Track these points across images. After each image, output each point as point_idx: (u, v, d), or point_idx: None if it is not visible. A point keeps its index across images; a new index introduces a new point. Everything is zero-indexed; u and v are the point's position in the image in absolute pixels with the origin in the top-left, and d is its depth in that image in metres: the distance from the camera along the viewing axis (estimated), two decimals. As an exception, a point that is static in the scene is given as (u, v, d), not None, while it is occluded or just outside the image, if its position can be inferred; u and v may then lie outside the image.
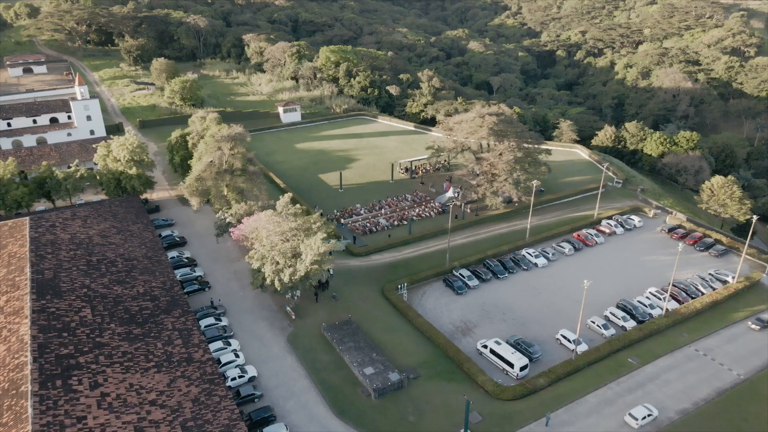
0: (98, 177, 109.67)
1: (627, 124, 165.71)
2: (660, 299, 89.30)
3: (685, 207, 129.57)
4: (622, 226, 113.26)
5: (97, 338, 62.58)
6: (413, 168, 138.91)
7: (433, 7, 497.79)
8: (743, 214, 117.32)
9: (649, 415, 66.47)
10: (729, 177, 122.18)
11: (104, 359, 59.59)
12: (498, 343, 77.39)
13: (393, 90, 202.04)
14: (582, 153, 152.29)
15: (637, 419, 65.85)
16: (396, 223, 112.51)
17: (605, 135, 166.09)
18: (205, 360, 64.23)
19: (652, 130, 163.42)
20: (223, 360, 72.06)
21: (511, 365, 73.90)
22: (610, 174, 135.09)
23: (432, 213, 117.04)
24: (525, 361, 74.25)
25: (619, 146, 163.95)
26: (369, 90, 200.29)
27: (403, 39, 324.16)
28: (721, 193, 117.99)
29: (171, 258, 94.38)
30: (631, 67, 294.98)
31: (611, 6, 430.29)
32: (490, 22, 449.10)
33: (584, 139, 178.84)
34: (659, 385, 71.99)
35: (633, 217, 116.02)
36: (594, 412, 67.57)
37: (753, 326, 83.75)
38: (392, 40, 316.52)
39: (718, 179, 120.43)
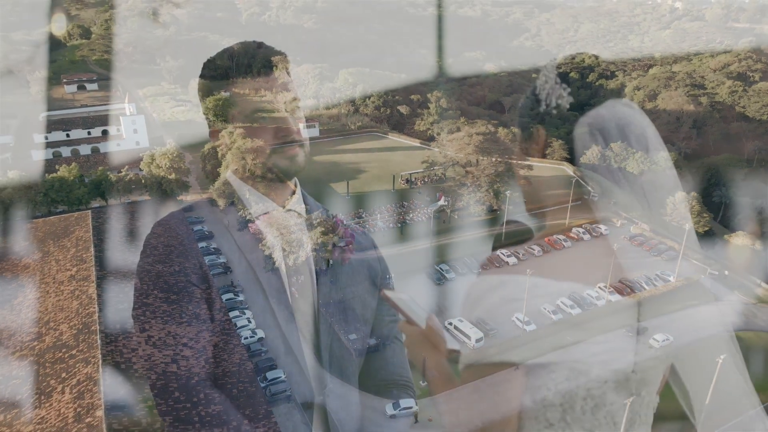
0: (143, 181, 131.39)
1: (612, 144, 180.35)
2: (605, 292, 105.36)
3: (654, 219, 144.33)
4: (590, 233, 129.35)
5: (143, 299, 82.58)
6: (413, 179, 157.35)
7: (455, 29, 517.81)
8: (702, 226, 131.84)
9: (667, 339, 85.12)
10: (692, 193, 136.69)
11: (149, 314, 79.18)
12: (461, 320, 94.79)
13: (403, 109, 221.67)
14: (568, 170, 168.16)
15: (658, 341, 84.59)
16: (391, 225, 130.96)
17: (592, 153, 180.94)
18: (224, 320, 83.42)
19: (634, 150, 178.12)
20: (239, 324, 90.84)
21: (469, 337, 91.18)
22: (589, 188, 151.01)
23: (424, 218, 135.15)
24: (480, 334, 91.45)
25: (604, 164, 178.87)
26: (382, 109, 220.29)
27: (422, 60, 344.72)
28: (682, 207, 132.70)
29: (201, 247, 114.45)
30: (639, 89, 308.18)
31: (626, 30, 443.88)
32: (509, 43, 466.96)
33: (578, 157, 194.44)
34: (587, 355, 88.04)
35: (600, 225, 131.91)
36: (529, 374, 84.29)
37: (629, 334, 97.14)
38: (411, 61, 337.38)
39: (679, 194, 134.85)
